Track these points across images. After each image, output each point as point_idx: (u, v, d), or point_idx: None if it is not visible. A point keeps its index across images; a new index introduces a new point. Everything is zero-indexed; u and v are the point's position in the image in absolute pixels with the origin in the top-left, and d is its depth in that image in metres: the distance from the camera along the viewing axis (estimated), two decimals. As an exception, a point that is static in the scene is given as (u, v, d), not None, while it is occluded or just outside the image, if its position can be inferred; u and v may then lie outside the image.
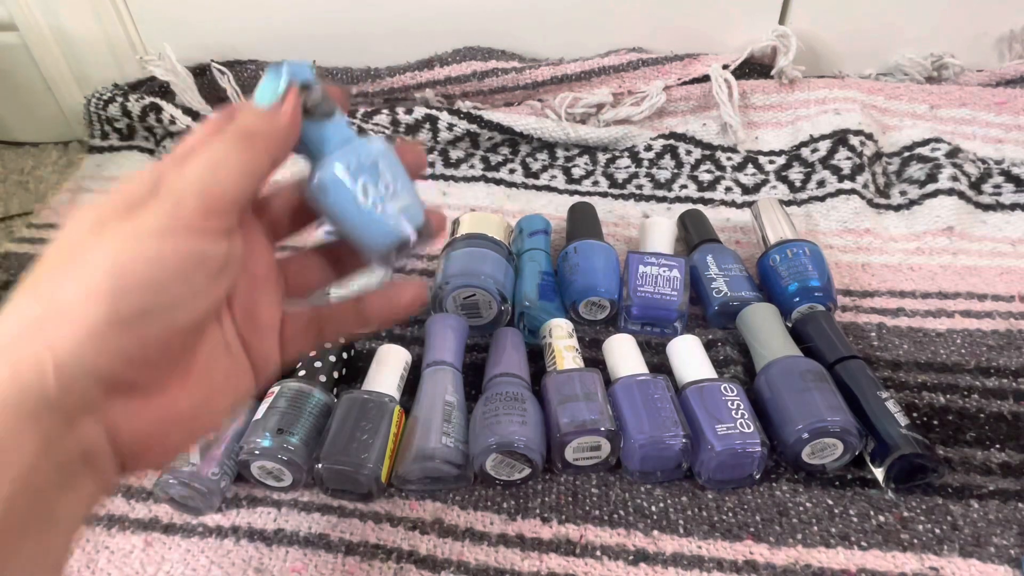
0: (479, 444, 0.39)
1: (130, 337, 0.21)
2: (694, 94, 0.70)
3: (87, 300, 0.21)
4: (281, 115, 0.25)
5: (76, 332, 0.21)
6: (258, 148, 0.24)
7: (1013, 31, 0.71)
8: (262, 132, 0.24)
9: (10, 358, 0.21)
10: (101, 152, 0.72)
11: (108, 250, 0.22)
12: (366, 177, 0.26)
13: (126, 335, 0.21)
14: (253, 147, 0.24)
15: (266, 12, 0.71)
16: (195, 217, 0.23)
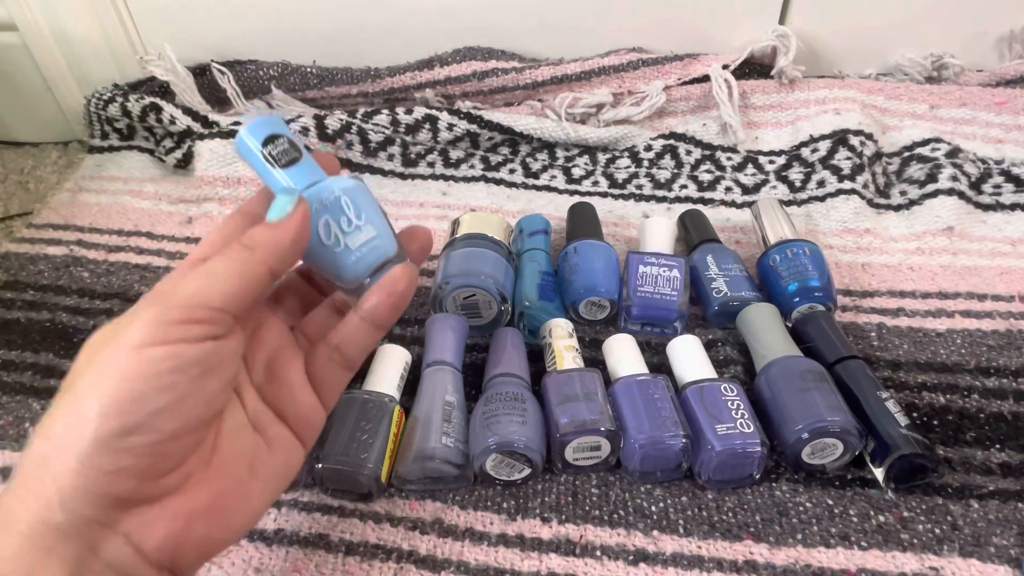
0: (479, 444, 0.39)
1: (120, 454, 0.22)
2: (694, 94, 0.70)
3: (77, 428, 0.22)
4: (283, 230, 0.26)
5: (70, 462, 0.22)
6: (255, 260, 0.25)
7: (1013, 31, 0.71)
8: (263, 244, 0.26)
9: (24, 498, 0.22)
10: (101, 152, 0.72)
11: (94, 374, 0.23)
12: (329, 215, 0.27)
13: (115, 453, 0.22)
14: (251, 259, 0.25)
15: (266, 12, 0.71)
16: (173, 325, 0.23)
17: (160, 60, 0.70)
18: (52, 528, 0.22)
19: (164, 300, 0.24)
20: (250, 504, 0.27)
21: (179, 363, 0.23)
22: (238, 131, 0.27)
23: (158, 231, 0.63)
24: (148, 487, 0.23)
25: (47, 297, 0.55)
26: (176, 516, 0.24)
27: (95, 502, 0.22)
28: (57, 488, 0.22)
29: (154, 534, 0.24)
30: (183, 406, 0.24)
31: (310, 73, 0.72)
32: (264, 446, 0.27)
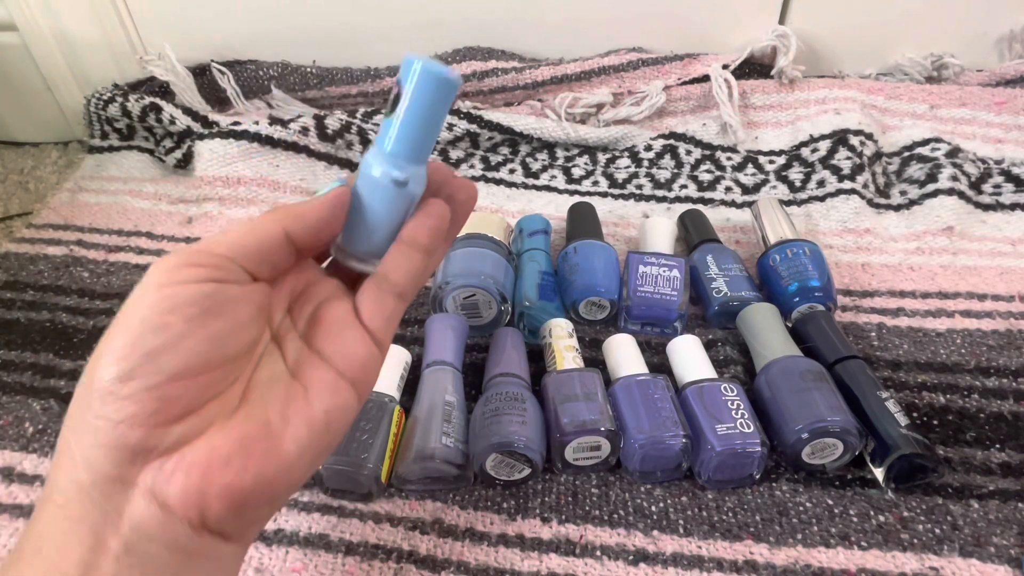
0: (479, 444, 0.39)
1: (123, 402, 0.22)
2: (694, 94, 0.70)
3: (89, 382, 0.22)
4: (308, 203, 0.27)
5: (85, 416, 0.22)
6: (270, 219, 0.26)
7: (1013, 31, 0.71)
8: (283, 209, 0.27)
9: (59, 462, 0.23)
10: (101, 152, 0.72)
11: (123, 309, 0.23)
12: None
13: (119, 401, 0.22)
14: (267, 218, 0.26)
15: (266, 12, 0.71)
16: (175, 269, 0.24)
17: (160, 60, 0.70)
18: (78, 490, 0.22)
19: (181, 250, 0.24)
20: (281, 451, 0.25)
21: (173, 303, 0.23)
22: (422, 59, 0.26)
23: (158, 231, 0.63)
24: (159, 436, 0.23)
25: (47, 297, 0.55)
26: (193, 464, 0.23)
27: (111, 456, 0.22)
28: (78, 446, 0.22)
29: (173, 485, 0.23)
30: (180, 346, 0.23)
31: (310, 73, 0.72)
32: (300, 392, 0.26)
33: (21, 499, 0.40)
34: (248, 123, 0.65)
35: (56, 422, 0.45)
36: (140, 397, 0.22)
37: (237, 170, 0.65)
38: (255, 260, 0.26)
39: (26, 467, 0.42)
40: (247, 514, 0.25)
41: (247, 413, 0.25)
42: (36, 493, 0.41)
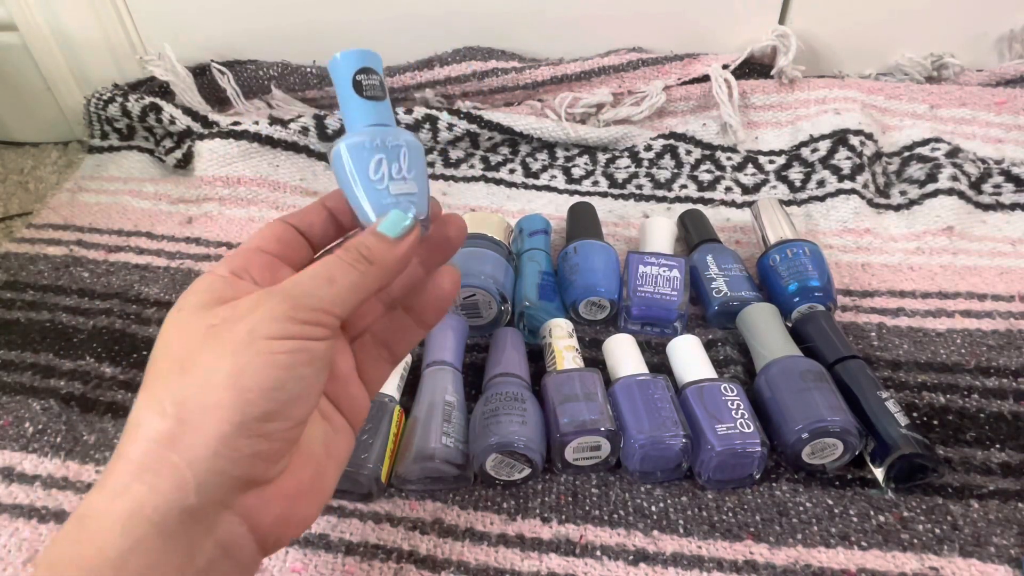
0: (479, 444, 0.39)
1: (259, 439, 0.23)
2: (694, 94, 0.70)
3: (214, 410, 0.22)
4: (399, 249, 0.27)
5: (209, 443, 0.22)
6: (372, 275, 0.26)
7: (1013, 31, 0.71)
8: (382, 261, 0.27)
9: (148, 478, 0.22)
10: (101, 152, 0.72)
11: (225, 355, 0.23)
12: (384, 156, 0.28)
13: (255, 438, 0.23)
14: (370, 273, 0.26)
15: (266, 12, 0.71)
16: (308, 319, 0.24)
17: (160, 60, 0.70)
18: (180, 511, 0.22)
19: (290, 298, 0.25)
20: (329, 483, 0.28)
21: (311, 357, 0.24)
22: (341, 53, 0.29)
23: (158, 231, 0.63)
24: (272, 470, 0.24)
25: (47, 297, 0.55)
26: (287, 496, 0.25)
27: (229, 484, 0.23)
28: (194, 473, 0.22)
29: (270, 513, 0.24)
30: (310, 396, 0.25)
31: (310, 73, 0.72)
32: (332, 434, 0.28)
33: (21, 499, 0.40)
34: (248, 123, 0.65)
35: (56, 422, 0.45)
36: (274, 437, 0.24)
37: (237, 170, 0.65)
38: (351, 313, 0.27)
39: (26, 467, 0.42)
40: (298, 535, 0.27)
41: (307, 450, 0.27)
42: (36, 493, 0.41)
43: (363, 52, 0.29)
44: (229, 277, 0.27)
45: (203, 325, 0.24)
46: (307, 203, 0.69)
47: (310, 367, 0.24)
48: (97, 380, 0.48)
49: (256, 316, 0.24)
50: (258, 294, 0.25)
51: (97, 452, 0.43)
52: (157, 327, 0.52)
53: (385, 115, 0.29)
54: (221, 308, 0.25)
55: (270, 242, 0.29)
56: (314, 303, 0.25)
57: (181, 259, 0.60)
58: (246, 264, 0.27)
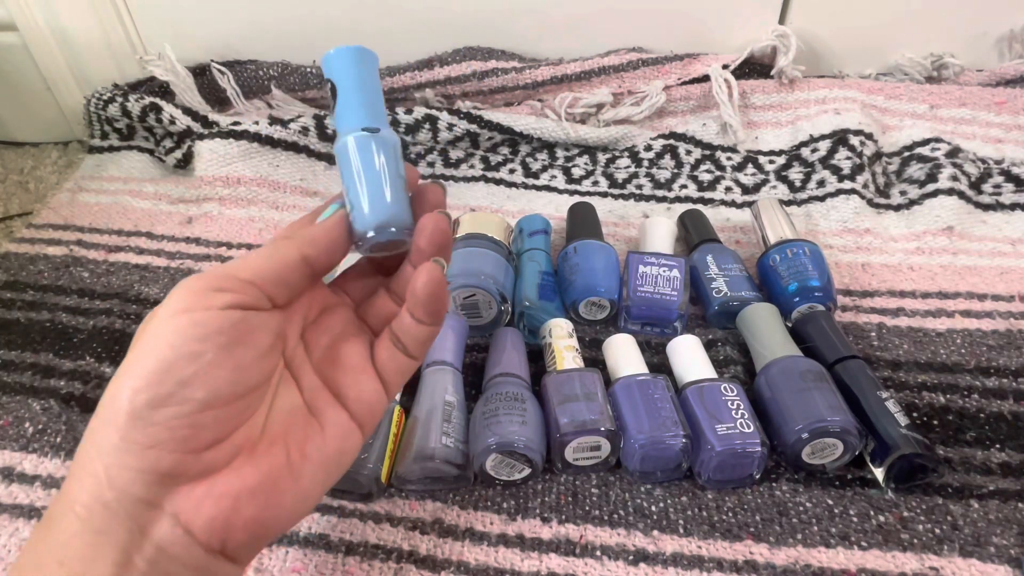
0: (479, 444, 0.39)
1: (154, 427, 0.22)
2: (694, 94, 0.70)
3: (115, 402, 0.22)
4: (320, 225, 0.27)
5: (110, 436, 0.22)
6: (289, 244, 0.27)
7: (1013, 31, 0.71)
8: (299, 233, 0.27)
9: (80, 477, 0.23)
10: (101, 152, 0.72)
11: (134, 347, 0.23)
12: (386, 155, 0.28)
13: (150, 427, 0.22)
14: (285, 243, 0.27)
15: (266, 12, 0.71)
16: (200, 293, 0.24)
17: (160, 60, 0.70)
18: (103, 507, 0.22)
19: (200, 275, 0.25)
20: (300, 487, 0.26)
21: (205, 331, 0.23)
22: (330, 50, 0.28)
23: (158, 231, 0.63)
24: (189, 462, 0.23)
25: (47, 297, 0.55)
26: (223, 495, 0.24)
27: (139, 479, 0.22)
28: (104, 465, 0.22)
29: (201, 513, 0.23)
30: (211, 375, 0.23)
31: (310, 73, 0.72)
32: (318, 429, 0.27)
33: (21, 499, 0.40)
34: (248, 123, 0.65)
35: (56, 422, 0.45)
36: (172, 424, 0.23)
37: (237, 170, 0.65)
38: (275, 285, 0.26)
39: (26, 467, 0.42)
40: (261, 542, 0.26)
41: (270, 445, 0.26)
42: (36, 493, 0.41)
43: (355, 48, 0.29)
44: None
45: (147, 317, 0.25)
46: (307, 203, 0.69)
47: (206, 342, 0.23)
48: (97, 380, 0.48)
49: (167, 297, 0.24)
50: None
51: (97, 452, 0.43)
52: (157, 327, 0.52)
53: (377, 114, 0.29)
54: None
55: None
56: (217, 272, 0.25)
57: (181, 259, 0.60)
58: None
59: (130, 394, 0.22)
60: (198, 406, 0.23)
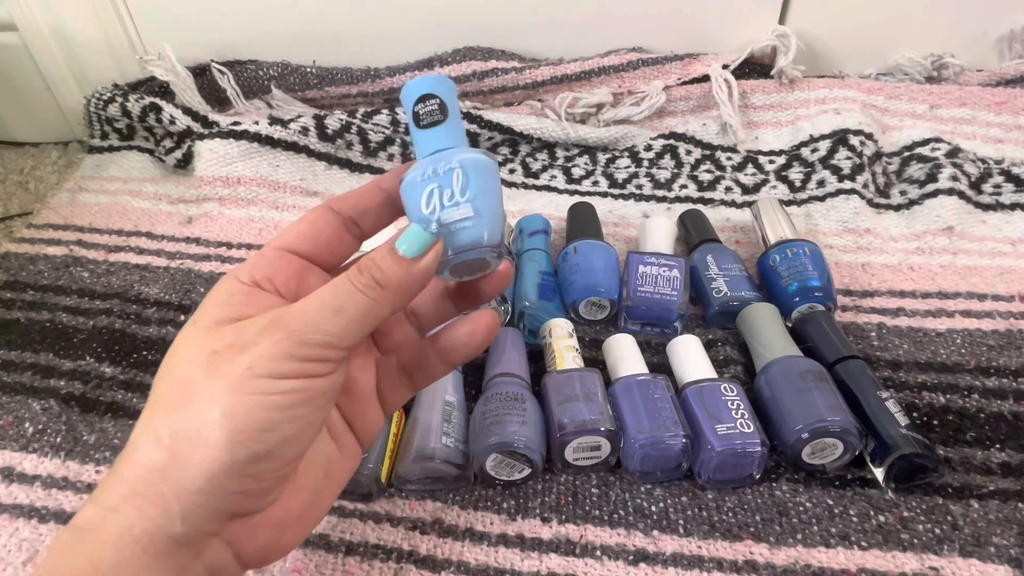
0: (479, 444, 0.39)
1: (248, 479, 0.23)
2: (694, 94, 0.70)
3: (205, 448, 0.22)
4: (416, 272, 0.25)
5: (197, 480, 0.22)
6: (384, 300, 0.25)
7: (1013, 31, 0.71)
8: (394, 285, 0.25)
9: (139, 502, 0.22)
10: (101, 152, 0.72)
11: (222, 391, 0.23)
12: (437, 184, 0.26)
13: (244, 478, 0.23)
14: (381, 299, 0.25)
15: (266, 12, 0.71)
16: (310, 356, 0.23)
17: (160, 60, 0.70)
18: (169, 538, 0.22)
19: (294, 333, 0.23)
20: (323, 508, 0.28)
21: (309, 396, 0.24)
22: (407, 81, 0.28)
23: (158, 231, 0.63)
24: (262, 503, 0.25)
25: (47, 297, 0.55)
26: (276, 525, 0.25)
27: (214, 518, 0.23)
28: (180, 505, 0.22)
29: (256, 541, 0.25)
30: (306, 434, 0.24)
31: (310, 73, 0.72)
32: (337, 452, 0.28)
33: (21, 499, 0.40)
34: (248, 123, 0.65)
35: (56, 422, 0.45)
36: (263, 477, 0.24)
37: (237, 170, 0.65)
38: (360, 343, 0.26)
39: (26, 467, 0.42)
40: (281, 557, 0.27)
41: (306, 475, 0.26)
42: (36, 493, 0.41)
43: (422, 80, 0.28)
44: (250, 286, 0.26)
45: (207, 349, 0.24)
46: (307, 203, 0.69)
47: (308, 407, 0.24)
48: (97, 380, 0.48)
49: (257, 351, 0.23)
50: (265, 322, 0.24)
51: (97, 452, 0.43)
52: (157, 327, 0.52)
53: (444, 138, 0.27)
54: (229, 329, 0.24)
55: (306, 241, 0.27)
56: (319, 338, 0.24)
57: (181, 259, 0.60)
58: (271, 271, 0.26)
59: (230, 448, 0.22)
60: (287, 463, 0.24)
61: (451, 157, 0.26)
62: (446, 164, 0.26)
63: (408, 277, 0.25)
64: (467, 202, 0.26)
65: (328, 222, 0.28)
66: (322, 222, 0.28)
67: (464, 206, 0.26)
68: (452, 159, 0.26)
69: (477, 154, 0.27)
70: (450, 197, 0.26)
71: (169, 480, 0.22)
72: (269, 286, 0.26)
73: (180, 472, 0.22)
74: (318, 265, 0.28)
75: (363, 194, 0.29)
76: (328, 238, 0.28)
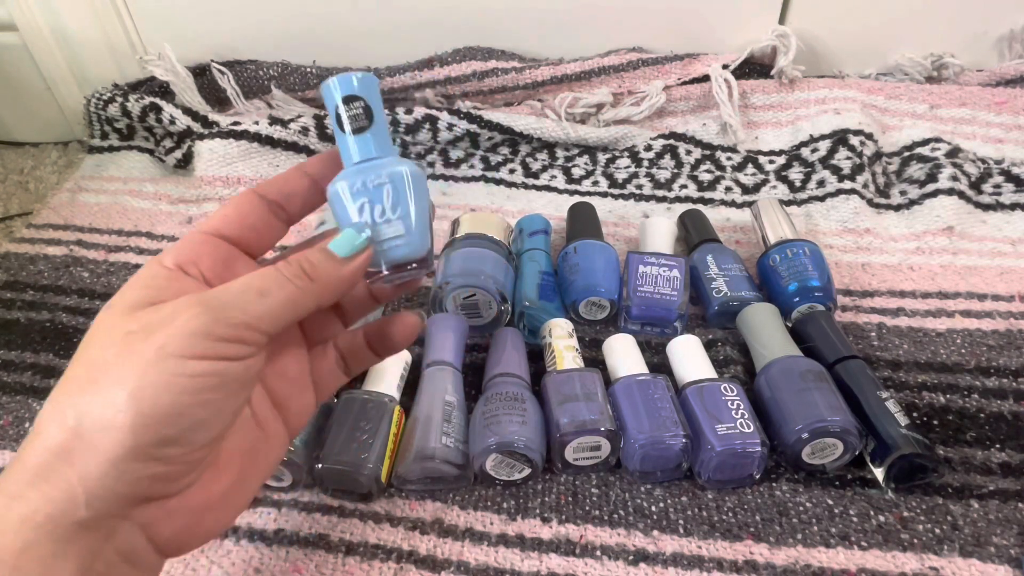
0: (479, 444, 0.39)
1: (155, 463, 0.22)
2: (694, 94, 0.70)
3: (109, 431, 0.22)
4: (346, 271, 0.26)
5: (101, 463, 0.22)
6: (312, 292, 0.25)
7: (1013, 31, 0.71)
8: (324, 279, 0.25)
9: (42, 487, 0.22)
10: (101, 152, 0.72)
11: (131, 372, 0.22)
12: (367, 199, 0.26)
13: (150, 462, 0.22)
14: (309, 290, 0.25)
15: (266, 12, 0.71)
16: (226, 335, 0.23)
17: (160, 60, 0.70)
18: (73, 522, 0.22)
19: (211, 310, 0.23)
20: (247, 493, 0.27)
21: (222, 380, 0.23)
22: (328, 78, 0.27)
23: (158, 231, 0.63)
24: (172, 487, 0.24)
25: (47, 297, 0.55)
26: (194, 510, 0.24)
27: (121, 502, 0.22)
28: (84, 488, 0.22)
29: (172, 526, 0.24)
30: (218, 419, 0.24)
31: (310, 73, 0.72)
32: (264, 439, 0.27)
33: (21, 499, 0.40)
34: (248, 123, 0.66)
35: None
36: (171, 461, 0.23)
37: (237, 170, 0.65)
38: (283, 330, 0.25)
39: (26, 467, 0.42)
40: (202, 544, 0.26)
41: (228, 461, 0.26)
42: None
43: (345, 78, 0.27)
44: (173, 270, 0.25)
45: (123, 331, 0.23)
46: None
47: (221, 391, 0.23)
48: (97, 380, 0.48)
49: (171, 329, 0.22)
50: (181, 300, 0.23)
51: (97, 452, 0.43)
52: (157, 327, 0.52)
53: (373, 146, 0.27)
54: (144, 312, 0.23)
55: (232, 224, 0.27)
56: (238, 317, 0.23)
57: (181, 259, 0.60)
58: (196, 255, 0.26)
59: (135, 431, 0.22)
60: (199, 447, 0.23)
61: (380, 170, 0.27)
62: (376, 178, 0.26)
63: (338, 274, 0.26)
64: (398, 219, 0.27)
65: (254, 206, 0.28)
66: (247, 205, 0.28)
67: (396, 223, 0.27)
68: (382, 172, 0.26)
69: (405, 166, 0.27)
70: (381, 213, 0.26)
71: (74, 463, 0.22)
72: (194, 270, 0.26)
73: (84, 455, 0.22)
74: (245, 251, 0.28)
75: (288, 178, 0.29)
76: (255, 222, 0.28)
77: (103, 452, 0.22)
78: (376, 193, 0.26)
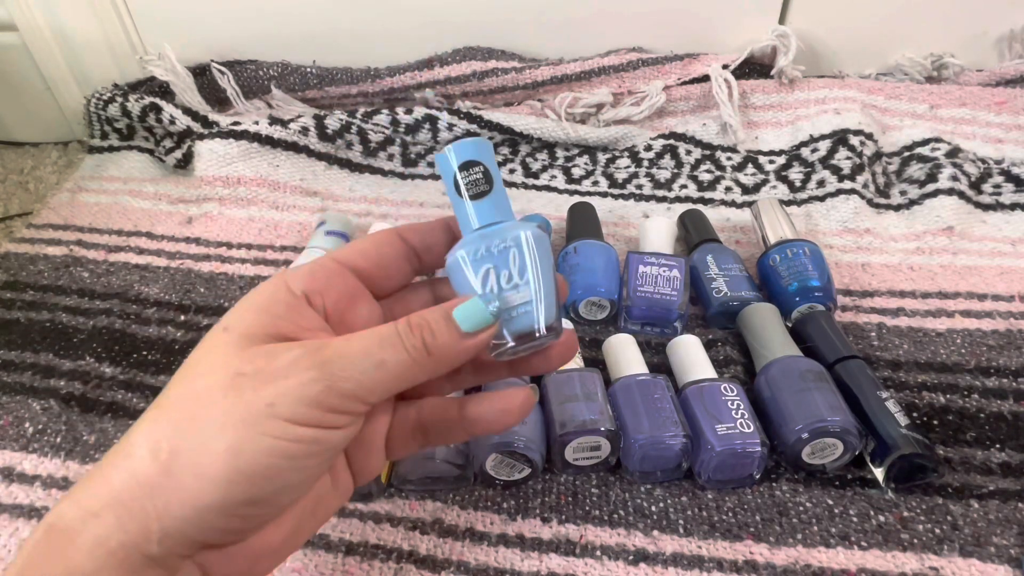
0: (479, 444, 0.39)
1: (235, 518, 0.22)
2: (694, 94, 0.70)
3: (200, 479, 0.21)
4: (466, 347, 0.24)
5: (184, 508, 0.21)
6: (427, 366, 0.24)
7: (1013, 31, 0.71)
8: (442, 355, 0.24)
9: (120, 513, 0.21)
10: (101, 152, 0.72)
11: (235, 422, 0.22)
12: (492, 265, 0.25)
13: (232, 517, 0.22)
14: (425, 363, 0.24)
15: (266, 12, 0.71)
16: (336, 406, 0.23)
17: (160, 60, 0.70)
18: (143, 556, 0.22)
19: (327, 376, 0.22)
20: (303, 538, 0.27)
21: (321, 448, 0.23)
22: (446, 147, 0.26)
23: (158, 231, 0.63)
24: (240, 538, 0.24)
25: (47, 297, 0.55)
26: (253, 556, 0.24)
27: (191, 545, 0.22)
28: (160, 526, 0.21)
29: (228, 569, 0.24)
30: (307, 484, 0.24)
31: (310, 73, 0.72)
32: (331, 491, 0.27)
33: (21, 499, 0.40)
34: (248, 123, 0.66)
35: (56, 422, 0.45)
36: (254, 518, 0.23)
37: (237, 170, 0.65)
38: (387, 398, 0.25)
39: (26, 467, 0.42)
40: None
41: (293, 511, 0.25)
42: (36, 493, 0.41)
43: (463, 145, 0.26)
44: (299, 297, 0.25)
45: (233, 370, 0.22)
46: (307, 203, 0.69)
47: (317, 458, 0.23)
48: (97, 380, 0.48)
49: (282, 388, 0.22)
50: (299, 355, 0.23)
51: (97, 452, 0.43)
52: (157, 327, 0.52)
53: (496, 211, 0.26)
54: (260, 354, 0.23)
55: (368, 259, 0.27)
56: (351, 388, 0.23)
57: (181, 259, 0.60)
58: (325, 286, 0.25)
59: (226, 488, 0.21)
60: (280, 510, 0.23)
61: (504, 234, 0.26)
62: (500, 242, 0.25)
63: (457, 350, 0.24)
64: (525, 284, 0.25)
65: (394, 247, 0.27)
66: (387, 245, 0.27)
67: (523, 288, 0.25)
68: (506, 236, 0.26)
69: (530, 229, 0.26)
70: (508, 279, 0.25)
71: (156, 499, 0.21)
72: (319, 300, 0.25)
73: (169, 495, 0.21)
74: (371, 286, 0.27)
75: (431, 229, 0.28)
76: (390, 263, 0.27)
77: (189, 499, 0.21)
78: (501, 258, 0.25)
